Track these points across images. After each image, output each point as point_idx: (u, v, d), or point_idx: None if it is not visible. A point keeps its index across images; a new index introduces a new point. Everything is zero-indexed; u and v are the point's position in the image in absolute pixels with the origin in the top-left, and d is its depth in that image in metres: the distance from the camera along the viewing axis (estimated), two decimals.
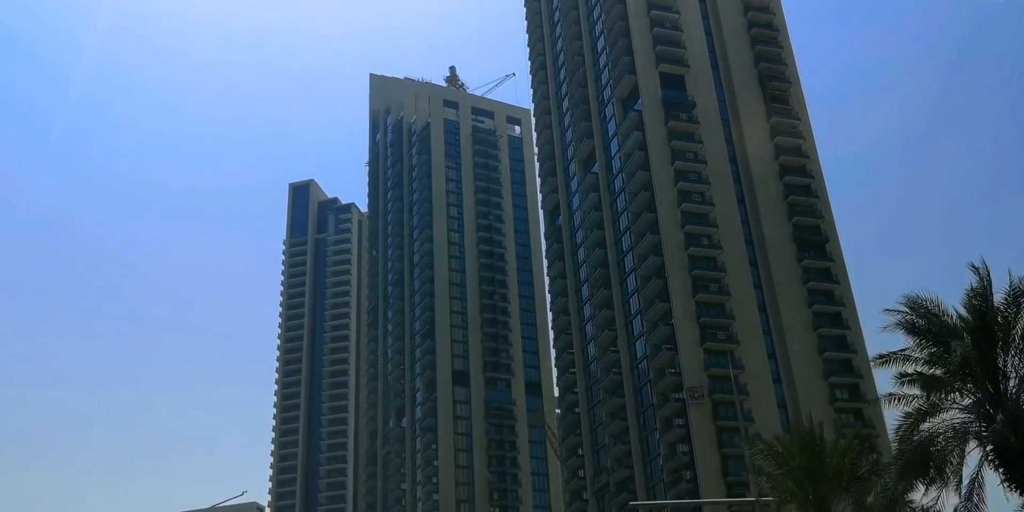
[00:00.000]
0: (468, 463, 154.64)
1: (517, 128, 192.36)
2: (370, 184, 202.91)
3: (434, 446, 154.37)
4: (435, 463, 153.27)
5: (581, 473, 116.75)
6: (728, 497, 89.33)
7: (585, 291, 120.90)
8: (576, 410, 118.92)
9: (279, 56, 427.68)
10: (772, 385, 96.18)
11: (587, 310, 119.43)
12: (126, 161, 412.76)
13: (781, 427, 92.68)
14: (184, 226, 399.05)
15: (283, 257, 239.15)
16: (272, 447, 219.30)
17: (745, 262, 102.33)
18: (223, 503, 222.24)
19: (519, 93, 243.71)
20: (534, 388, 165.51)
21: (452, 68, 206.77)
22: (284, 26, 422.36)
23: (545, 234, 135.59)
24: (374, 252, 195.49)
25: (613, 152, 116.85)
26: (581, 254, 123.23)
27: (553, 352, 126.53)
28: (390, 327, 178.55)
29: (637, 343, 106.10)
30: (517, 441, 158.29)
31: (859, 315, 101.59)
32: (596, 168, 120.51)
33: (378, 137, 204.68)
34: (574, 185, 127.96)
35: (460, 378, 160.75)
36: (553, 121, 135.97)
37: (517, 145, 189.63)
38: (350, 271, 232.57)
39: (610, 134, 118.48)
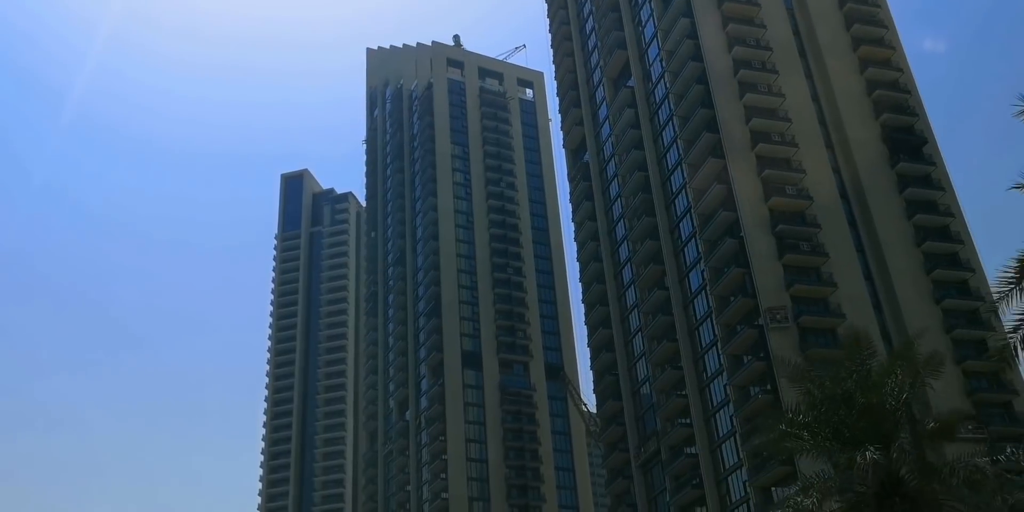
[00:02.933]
0: (481, 456, 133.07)
1: (529, 92, 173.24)
2: (368, 163, 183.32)
3: (442, 438, 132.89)
4: (443, 457, 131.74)
5: (623, 446, 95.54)
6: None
7: (620, 230, 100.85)
8: (614, 372, 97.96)
9: (271, 46, 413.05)
10: (873, 312, 75.47)
11: (624, 251, 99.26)
12: (107, 158, 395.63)
13: None
14: (172, 221, 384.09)
15: (275, 252, 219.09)
16: (261, 458, 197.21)
17: (827, 166, 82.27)
18: None
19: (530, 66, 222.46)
20: (555, 372, 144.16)
21: (456, 37, 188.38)
22: (276, 15, 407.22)
23: (569, 176, 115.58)
24: (373, 234, 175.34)
25: (652, 57, 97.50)
26: (614, 189, 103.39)
27: (582, 309, 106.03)
28: (391, 312, 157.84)
29: (692, 273, 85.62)
30: (538, 431, 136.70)
31: (969, 227, 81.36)
32: (632, 81, 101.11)
33: (376, 113, 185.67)
34: (603, 113, 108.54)
35: (470, 360, 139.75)
36: (575, 47, 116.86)
37: (529, 109, 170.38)
38: (347, 265, 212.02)
39: (647, 38, 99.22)
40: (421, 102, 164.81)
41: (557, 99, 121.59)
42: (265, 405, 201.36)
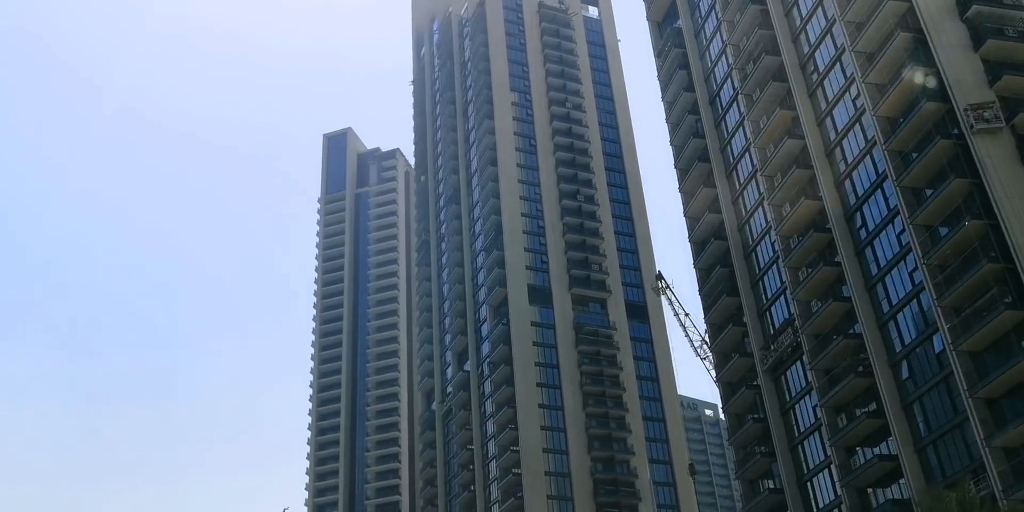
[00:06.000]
0: (556, 403, 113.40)
1: (593, 9, 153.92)
2: (415, 104, 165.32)
3: (508, 384, 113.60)
4: (511, 405, 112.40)
5: (743, 351, 75.39)
6: None
7: (727, 93, 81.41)
8: (727, 263, 77.93)
9: (314, 9, 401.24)
10: None
11: (733, 115, 79.75)
12: (142, 121, 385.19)
13: None
14: (213, 185, 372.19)
15: (318, 216, 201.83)
16: (308, 434, 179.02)
17: None
18: None
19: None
20: (637, 311, 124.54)
21: None
22: None
23: (656, 51, 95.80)
24: (423, 178, 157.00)
25: None
26: (716, 47, 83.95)
27: (677, 186, 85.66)
28: (445, 257, 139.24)
29: (838, 108, 65.55)
30: (621, 376, 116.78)
31: None
32: None
33: (423, 50, 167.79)
34: None
35: (538, 296, 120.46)
36: None
37: (595, 28, 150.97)
38: (396, 225, 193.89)
39: None
40: (473, 22, 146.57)
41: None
42: (311, 377, 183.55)
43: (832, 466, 61.83)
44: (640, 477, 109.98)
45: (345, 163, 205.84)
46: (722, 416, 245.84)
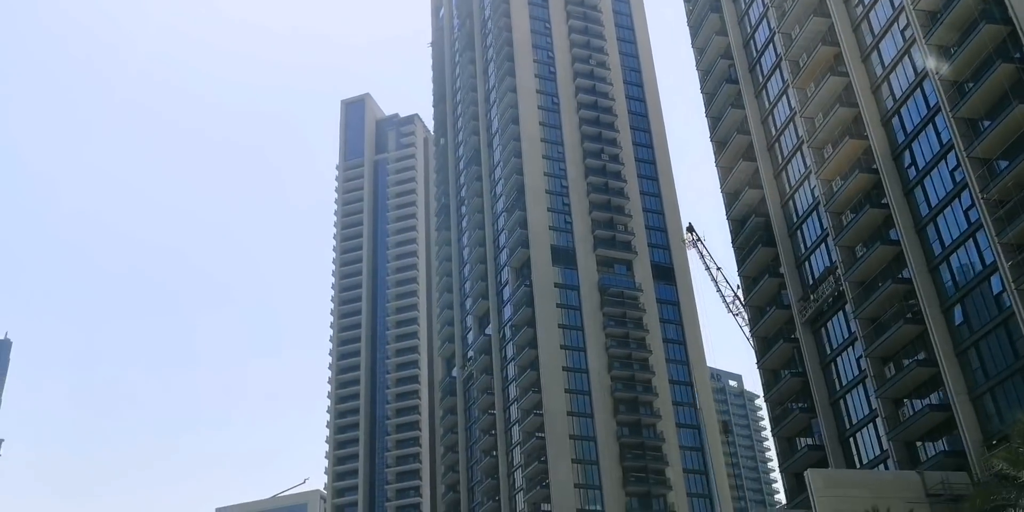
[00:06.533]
0: (580, 365, 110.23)
1: None
2: (434, 67, 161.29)
3: (531, 346, 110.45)
4: (535, 368, 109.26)
5: (780, 302, 71.88)
6: None
7: (762, 33, 77.24)
8: (762, 213, 74.28)
9: None
10: None
11: (769, 56, 75.74)
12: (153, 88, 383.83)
13: None
14: (230, 152, 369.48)
15: (336, 183, 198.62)
16: (328, 403, 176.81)
17: None
18: (285, 492, 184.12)
19: None
20: (664, 273, 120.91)
21: None
22: None
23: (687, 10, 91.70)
24: (442, 140, 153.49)
25: None
26: None
27: (707, 135, 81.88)
28: (465, 220, 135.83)
29: (885, 40, 61.51)
30: (647, 338, 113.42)
31: None
32: None
33: (442, 12, 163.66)
34: None
35: (562, 256, 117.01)
36: None
37: None
38: (415, 191, 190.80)
39: None
40: None
41: None
42: (331, 345, 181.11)
43: (878, 419, 58.42)
44: (668, 441, 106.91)
45: (363, 129, 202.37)
46: (746, 387, 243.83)
